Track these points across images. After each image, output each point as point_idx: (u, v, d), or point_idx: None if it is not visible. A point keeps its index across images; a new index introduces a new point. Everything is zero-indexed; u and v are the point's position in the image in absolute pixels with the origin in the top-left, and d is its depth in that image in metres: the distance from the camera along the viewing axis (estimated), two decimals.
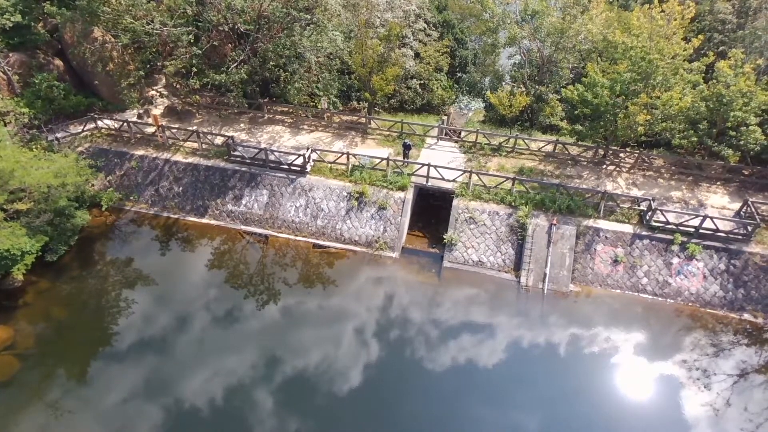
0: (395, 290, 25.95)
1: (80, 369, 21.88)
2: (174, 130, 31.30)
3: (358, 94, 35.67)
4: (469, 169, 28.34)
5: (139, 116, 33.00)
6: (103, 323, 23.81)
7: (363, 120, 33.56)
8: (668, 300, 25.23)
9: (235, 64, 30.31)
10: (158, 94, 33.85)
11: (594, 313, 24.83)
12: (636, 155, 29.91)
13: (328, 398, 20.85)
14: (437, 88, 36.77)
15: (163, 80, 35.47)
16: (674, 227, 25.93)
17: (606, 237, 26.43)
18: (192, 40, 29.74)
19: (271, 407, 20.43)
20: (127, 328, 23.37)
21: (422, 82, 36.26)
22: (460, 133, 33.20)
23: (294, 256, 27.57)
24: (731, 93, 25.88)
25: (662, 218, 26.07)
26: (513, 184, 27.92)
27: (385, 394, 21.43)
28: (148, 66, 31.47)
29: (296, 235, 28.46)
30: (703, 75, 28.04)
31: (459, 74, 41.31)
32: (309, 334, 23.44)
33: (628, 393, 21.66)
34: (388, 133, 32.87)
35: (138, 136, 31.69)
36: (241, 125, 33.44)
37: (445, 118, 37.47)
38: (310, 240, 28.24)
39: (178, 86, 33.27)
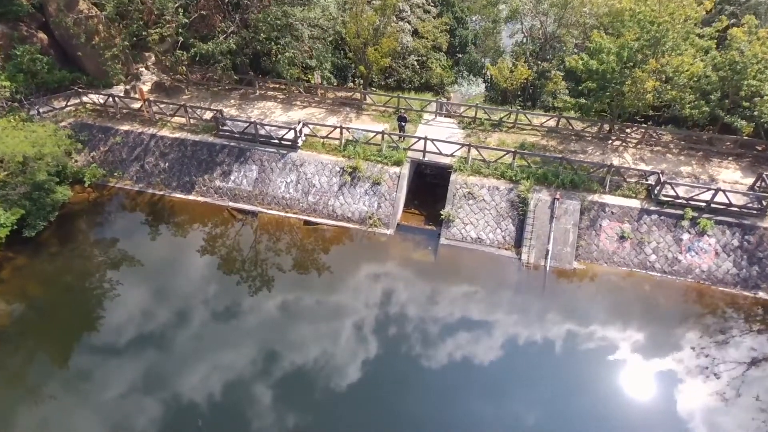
0: (389, 268, 24.64)
1: (57, 348, 20.61)
2: (161, 105, 30.09)
3: (354, 71, 34.38)
4: (468, 143, 26.99)
5: (126, 92, 31.75)
6: (83, 301, 22.57)
7: (358, 96, 32.20)
8: (678, 278, 23.81)
9: (224, 36, 29.06)
10: (145, 67, 32.61)
11: (599, 291, 23.45)
12: (643, 130, 28.52)
13: (316, 376, 19.56)
14: (436, 66, 35.46)
15: (153, 58, 34.23)
16: (684, 202, 24.51)
17: (612, 212, 25.04)
18: (179, 10, 28.48)
19: (255, 385, 19.15)
20: (108, 307, 22.07)
21: (420, 59, 34.96)
22: (459, 110, 31.83)
23: (284, 233, 26.28)
24: (745, 59, 24.44)
25: (671, 192, 24.62)
26: (514, 158, 26.56)
27: (377, 372, 20.08)
28: (134, 38, 30.21)
29: (287, 212, 27.16)
30: (715, 42, 26.59)
31: (458, 55, 39.96)
32: (298, 311, 22.16)
33: (634, 376, 20.26)
34: (383, 108, 31.52)
35: (124, 111, 30.43)
36: (232, 101, 32.16)
37: (445, 100, 36.15)
38: (301, 216, 26.94)
39: (166, 62, 32.01)
